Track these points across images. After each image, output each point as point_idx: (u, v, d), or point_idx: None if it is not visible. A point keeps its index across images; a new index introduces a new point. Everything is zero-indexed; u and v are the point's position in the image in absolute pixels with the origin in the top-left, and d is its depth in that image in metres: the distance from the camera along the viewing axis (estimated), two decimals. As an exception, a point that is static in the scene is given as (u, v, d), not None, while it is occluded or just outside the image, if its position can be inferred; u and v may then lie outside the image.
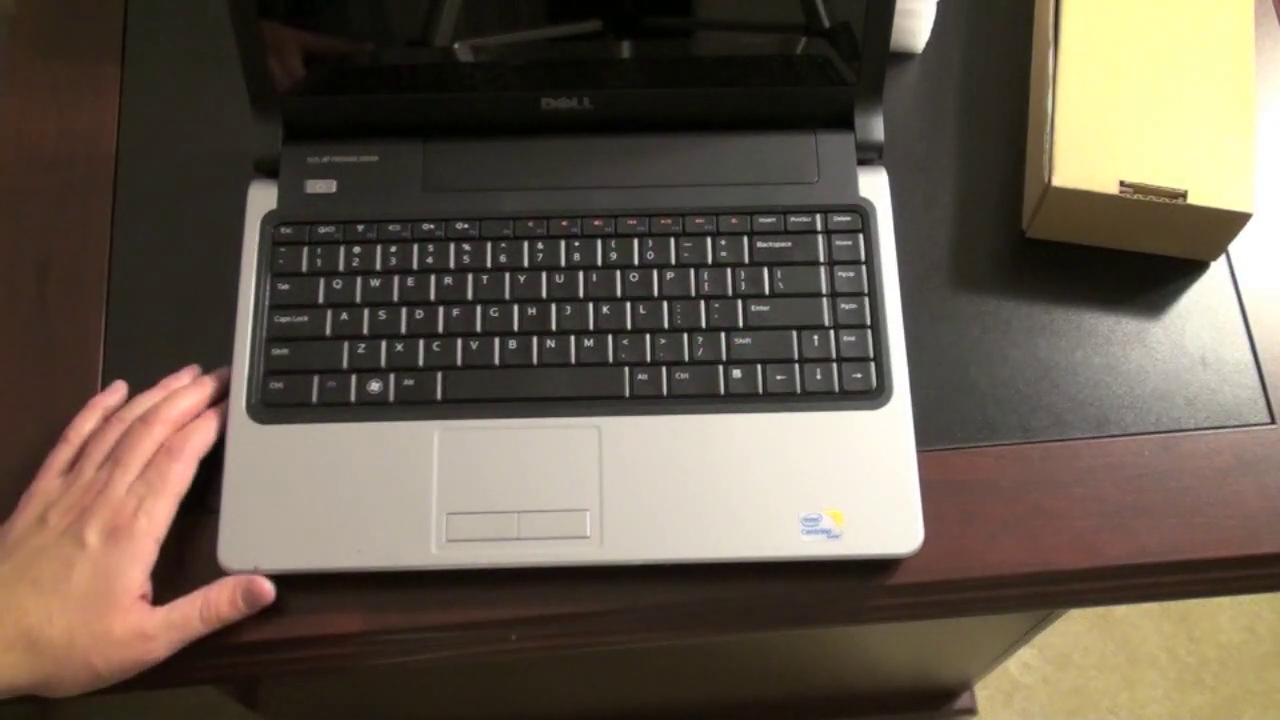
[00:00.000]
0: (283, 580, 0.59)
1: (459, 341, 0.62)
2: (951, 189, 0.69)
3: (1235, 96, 0.65)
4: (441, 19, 0.63)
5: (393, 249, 0.64)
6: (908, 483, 0.59)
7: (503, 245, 0.64)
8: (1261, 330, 0.65)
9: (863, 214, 0.65)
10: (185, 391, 0.61)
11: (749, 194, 0.65)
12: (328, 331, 0.62)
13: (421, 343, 0.62)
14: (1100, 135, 0.64)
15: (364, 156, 0.66)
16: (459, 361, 0.62)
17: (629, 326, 0.62)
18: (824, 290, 0.63)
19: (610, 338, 0.62)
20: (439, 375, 0.61)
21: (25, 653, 0.53)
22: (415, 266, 0.64)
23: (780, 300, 0.63)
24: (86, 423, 0.61)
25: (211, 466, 0.60)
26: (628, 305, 0.63)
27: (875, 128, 0.66)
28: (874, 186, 0.66)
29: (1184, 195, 0.63)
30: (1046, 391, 0.64)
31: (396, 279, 0.63)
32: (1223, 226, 0.64)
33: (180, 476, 0.58)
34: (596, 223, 0.65)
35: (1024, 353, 0.65)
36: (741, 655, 1.02)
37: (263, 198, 0.65)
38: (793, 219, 0.65)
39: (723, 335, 0.62)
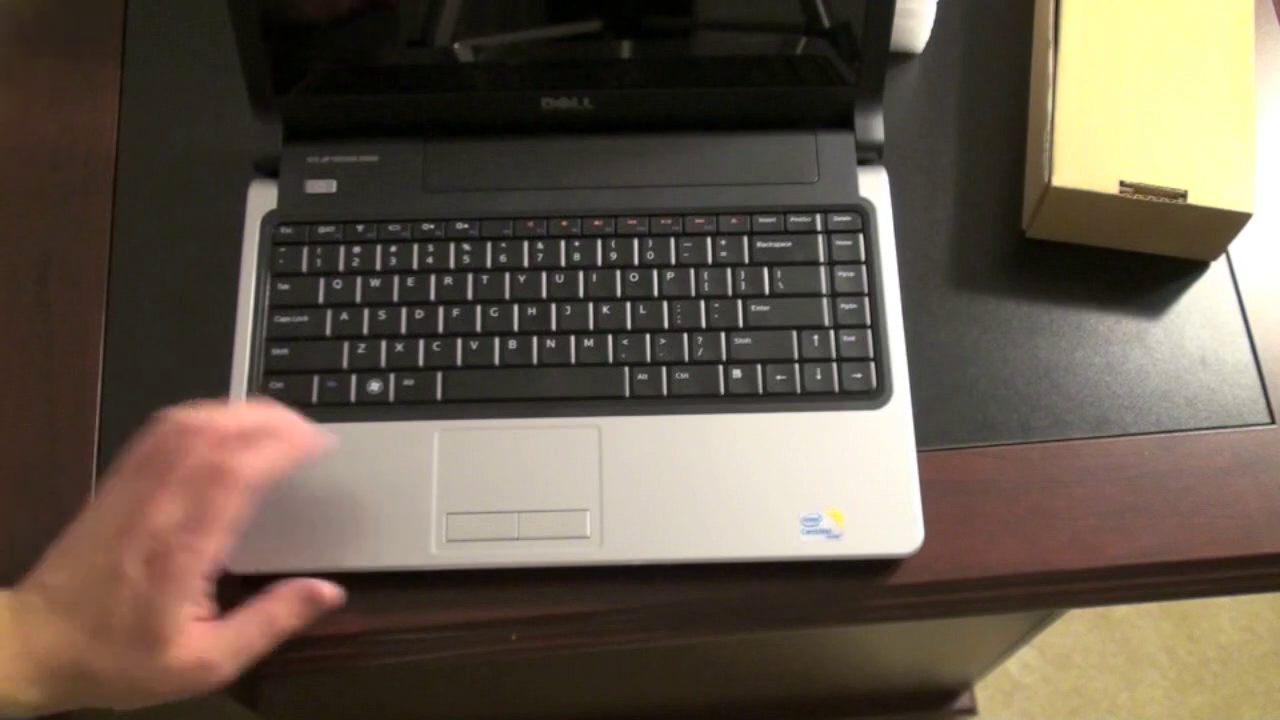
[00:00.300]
0: (283, 580, 0.59)
1: (459, 341, 0.62)
2: (951, 189, 0.69)
3: (1235, 96, 0.65)
4: (441, 19, 0.63)
5: (393, 249, 0.64)
6: (907, 483, 0.59)
7: (503, 245, 0.64)
8: (1261, 330, 0.65)
9: (863, 214, 0.65)
10: (253, 409, 0.54)
11: (749, 194, 0.65)
12: (328, 331, 0.62)
13: (421, 343, 0.62)
14: (1100, 135, 0.64)
15: (364, 156, 0.66)
16: (459, 361, 0.62)
17: (629, 326, 0.62)
18: (824, 290, 0.63)
19: (610, 338, 0.62)
20: (439, 375, 0.61)
21: (81, 682, 0.50)
22: (415, 266, 0.64)
23: (780, 300, 0.63)
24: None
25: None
26: (628, 305, 0.63)
27: (875, 128, 0.66)
28: (874, 186, 0.66)
29: (1184, 195, 0.63)
30: (1046, 391, 0.64)
31: (396, 279, 0.63)
32: (1223, 226, 0.64)
33: (228, 506, 0.50)
34: (596, 223, 0.65)
35: (1024, 353, 0.65)
36: (741, 655, 1.02)
37: (263, 198, 0.65)
38: (793, 219, 0.65)
39: (723, 335, 0.62)
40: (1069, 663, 1.42)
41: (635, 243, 0.64)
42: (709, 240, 0.64)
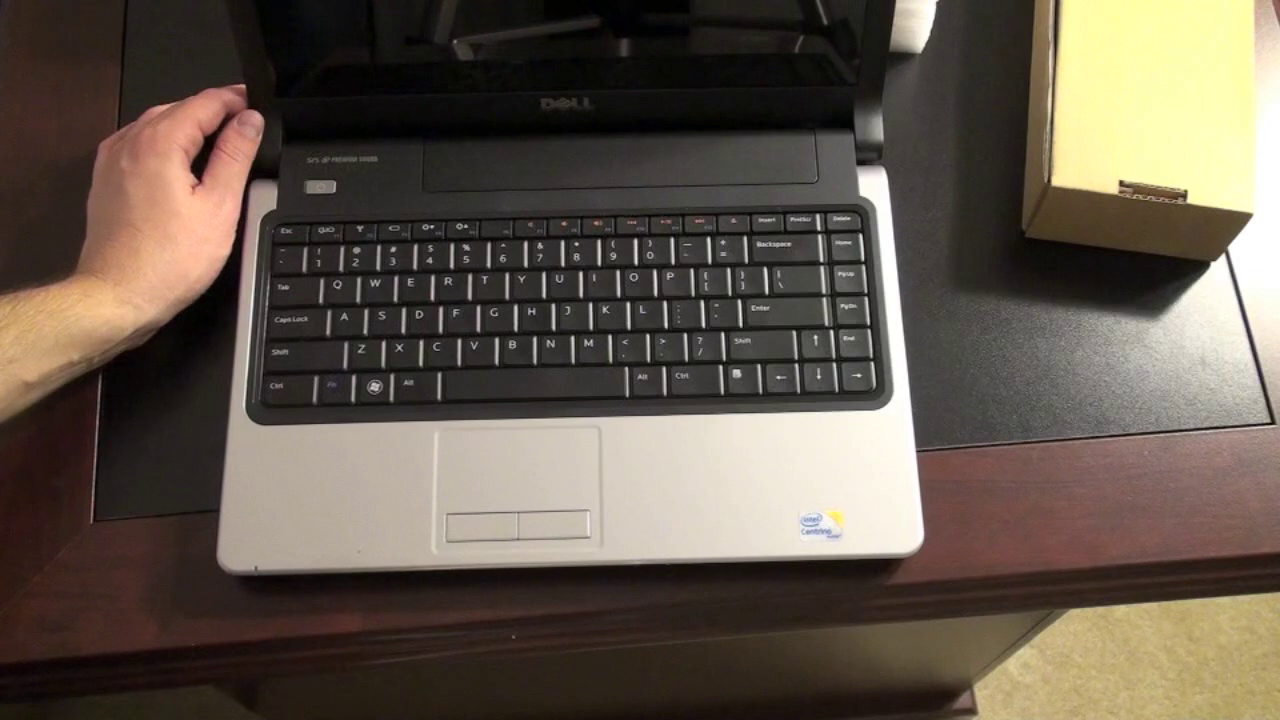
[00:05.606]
0: (283, 580, 0.59)
1: (459, 342, 0.62)
2: (951, 189, 0.69)
3: (1235, 96, 0.65)
4: (440, 19, 0.63)
5: (393, 249, 0.64)
6: (907, 483, 0.59)
7: (503, 245, 0.64)
8: (1261, 330, 0.65)
9: (863, 214, 0.65)
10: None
11: (749, 194, 0.65)
12: (328, 332, 0.62)
13: (421, 343, 0.62)
14: (1100, 135, 0.64)
15: (364, 157, 0.66)
16: (459, 362, 0.62)
17: (629, 327, 0.62)
18: (824, 290, 0.63)
19: (610, 338, 0.62)
20: (439, 375, 0.61)
21: (159, 269, 0.59)
22: (415, 267, 0.64)
23: (780, 300, 0.63)
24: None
25: (211, 465, 0.60)
26: (628, 305, 0.63)
27: (875, 128, 0.66)
28: (874, 186, 0.66)
29: (1184, 195, 0.63)
30: (1046, 391, 0.64)
31: (396, 279, 0.63)
32: (1223, 226, 0.64)
33: (193, 104, 0.63)
34: (596, 223, 0.65)
35: (1024, 353, 0.65)
36: (741, 655, 1.02)
37: (263, 198, 0.65)
38: (793, 219, 0.65)
39: (723, 335, 0.62)
40: (1069, 663, 1.42)
41: (635, 243, 0.64)
42: (709, 240, 0.64)
